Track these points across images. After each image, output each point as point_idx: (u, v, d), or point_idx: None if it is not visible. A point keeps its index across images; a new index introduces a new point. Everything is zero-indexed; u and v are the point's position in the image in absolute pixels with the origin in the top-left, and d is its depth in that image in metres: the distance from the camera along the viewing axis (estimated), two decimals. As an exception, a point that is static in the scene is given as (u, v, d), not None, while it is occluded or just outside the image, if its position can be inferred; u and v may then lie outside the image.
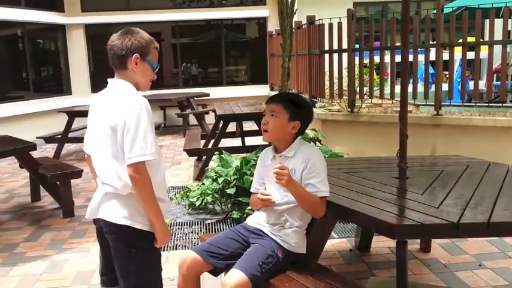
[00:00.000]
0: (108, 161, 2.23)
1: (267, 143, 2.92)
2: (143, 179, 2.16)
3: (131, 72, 2.27)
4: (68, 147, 9.57)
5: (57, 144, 8.67)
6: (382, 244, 4.06)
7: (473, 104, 6.40)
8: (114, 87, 2.28)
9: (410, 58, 5.92)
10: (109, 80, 2.32)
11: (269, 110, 2.65)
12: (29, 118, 10.50)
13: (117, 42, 2.25)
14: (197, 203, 5.07)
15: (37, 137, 8.74)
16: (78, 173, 5.38)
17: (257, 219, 2.77)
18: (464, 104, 6.39)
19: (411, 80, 6.27)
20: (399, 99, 3.09)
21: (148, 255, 2.31)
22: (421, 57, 6.61)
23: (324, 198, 2.57)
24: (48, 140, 8.75)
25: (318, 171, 2.57)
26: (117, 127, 2.16)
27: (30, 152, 5.40)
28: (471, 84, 7.20)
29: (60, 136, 8.65)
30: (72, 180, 5.40)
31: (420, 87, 6.82)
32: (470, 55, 6.28)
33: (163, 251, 4.18)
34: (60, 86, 12.31)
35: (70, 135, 8.70)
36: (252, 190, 2.85)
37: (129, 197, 2.24)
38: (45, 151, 9.28)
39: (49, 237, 4.67)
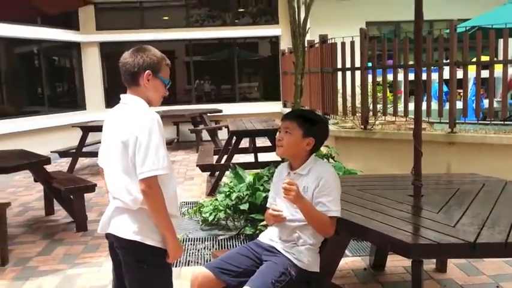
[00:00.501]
0: (119, 176, 2.24)
1: (280, 159, 2.92)
2: (155, 194, 2.17)
3: (143, 88, 2.30)
4: (82, 161, 9.63)
5: (71, 158, 8.73)
6: (397, 263, 4.00)
7: (488, 122, 6.35)
8: (126, 103, 2.31)
9: (424, 77, 5.90)
10: (122, 95, 2.35)
11: (284, 127, 2.66)
12: (44, 132, 10.60)
13: (129, 59, 2.29)
14: (210, 219, 5.06)
15: (51, 151, 8.82)
16: (91, 187, 5.40)
17: (270, 236, 2.75)
18: (479, 122, 6.33)
19: (425, 98, 6.24)
20: (413, 116, 3.07)
21: (160, 271, 2.29)
22: (434, 76, 6.58)
23: (334, 218, 2.54)
24: (63, 154, 8.82)
25: (329, 189, 2.55)
26: (129, 142, 2.17)
27: (45, 166, 5.44)
28: (486, 102, 7.15)
29: (74, 150, 8.72)
30: (85, 194, 5.41)
31: (434, 105, 6.78)
32: (485, 73, 6.25)
33: (175, 266, 4.16)
34: (74, 101, 12.44)
35: (84, 149, 8.77)
36: (267, 205, 2.84)
37: (140, 212, 2.23)
38: (60, 165, 9.35)
39: (62, 252, 4.67)
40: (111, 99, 12.53)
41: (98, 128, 9.12)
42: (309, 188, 2.58)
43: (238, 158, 8.20)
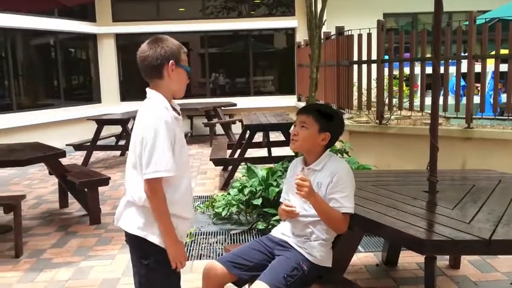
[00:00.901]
0: (130, 170, 2.26)
1: (293, 154, 2.91)
2: (157, 197, 2.15)
3: (167, 80, 2.25)
4: (97, 154, 9.72)
5: (85, 151, 8.81)
6: (409, 259, 3.99)
7: (506, 118, 6.26)
8: (150, 97, 2.28)
9: (442, 70, 5.84)
10: (147, 89, 2.31)
11: (299, 121, 2.65)
12: (59, 125, 10.72)
13: (150, 52, 2.22)
14: (223, 213, 5.08)
15: (66, 144, 8.91)
16: (105, 181, 5.45)
17: (282, 230, 2.76)
18: (496, 117, 6.25)
19: (442, 92, 6.18)
20: (429, 111, 3.04)
21: (164, 269, 2.25)
22: (452, 69, 6.51)
23: (347, 214, 2.54)
24: (77, 147, 8.90)
25: (343, 186, 2.54)
26: (137, 140, 2.18)
27: (60, 159, 5.49)
28: (504, 97, 7.05)
29: (89, 144, 8.79)
30: (99, 188, 5.46)
31: (451, 100, 6.71)
32: (503, 67, 6.16)
33: (188, 260, 4.19)
34: (90, 94, 12.54)
35: (99, 143, 8.84)
36: (281, 200, 2.84)
37: (147, 208, 2.22)
38: (74, 158, 9.45)
39: (75, 244, 4.73)
40: (127, 93, 12.62)
41: (113, 122, 9.27)
42: (322, 183, 2.58)
43: (251, 153, 8.21)
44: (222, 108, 11.34)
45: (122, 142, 9.49)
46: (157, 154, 2.11)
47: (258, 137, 8.57)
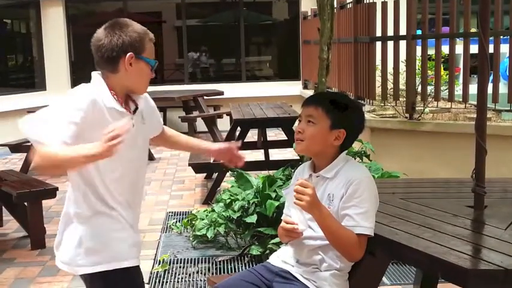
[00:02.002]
0: None
1: (298, 157, 2.91)
2: (42, 155, 2.21)
3: (123, 75, 2.39)
4: (40, 158, 9.69)
5: (26, 154, 8.77)
6: (449, 295, 4.00)
7: None
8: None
9: (491, 49, 5.86)
10: (93, 74, 2.46)
11: (305, 115, 2.64)
12: (-9, 120, 10.67)
13: (105, 41, 2.36)
14: (209, 235, 5.07)
15: (0, 145, 8.87)
16: (51, 192, 5.43)
17: (283, 257, 2.76)
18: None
19: (491, 78, 6.20)
20: (475, 102, 3.06)
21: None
22: (504, 48, 6.53)
23: (363, 236, 2.52)
24: (15, 148, 8.85)
25: (360, 199, 2.52)
26: None
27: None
28: None
29: (30, 144, 8.76)
30: (43, 201, 5.45)
31: (503, 88, 6.73)
32: None
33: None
34: (31, 79, 12.51)
35: (43, 142, 8.82)
36: (282, 217, 2.84)
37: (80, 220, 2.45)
38: (11, 162, 9.42)
39: (12, 275, 4.70)
40: (80, 77, 12.58)
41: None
42: (335, 196, 2.57)
43: (243, 155, 8.19)
44: (205, 97, 11.33)
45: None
46: (53, 123, 2.24)
47: (252, 135, 8.58)
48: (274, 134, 9.67)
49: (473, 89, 4.18)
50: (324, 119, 2.59)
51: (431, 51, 6.85)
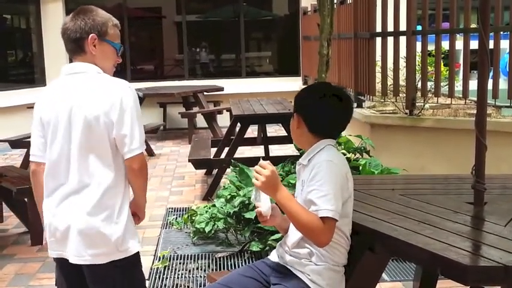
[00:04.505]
0: (84, 155, 2.58)
1: (297, 154, 2.92)
2: (145, 171, 2.66)
3: (90, 56, 2.60)
4: (40, 154, 9.68)
5: (26, 149, 8.77)
6: (449, 291, 4.00)
7: None
8: (84, 71, 2.58)
9: (491, 45, 5.85)
10: (67, 66, 2.64)
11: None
12: (-9, 115, 10.67)
13: (70, 24, 2.59)
14: (207, 229, 5.07)
15: (0, 140, 8.87)
16: (51, 188, 5.42)
17: (279, 251, 2.75)
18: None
19: (491, 74, 6.20)
20: (475, 98, 3.05)
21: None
22: (504, 44, 6.53)
23: (330, 220, 2.44)
24: (15, 144, 8.86)
25: (321, 182, 2.47)
26: (105, 120, 2.52)
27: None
28: None
29: (30, 139, 8.75)
30: (44, 197, 5.43)
31: (503, 84, 6.73)
32: None
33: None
34: (31, 74, 12.50)
35: (42, 138, 8.80)
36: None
37: (108, 195, 2.62)
38: (11, 158, 9.42)
39: (13, 271, 4.71)
40: (79, 72, 12.57)
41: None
42: (305, 182, 2.58)
43: (243, 152, 8.21)
44: (205, 93, 11.33)
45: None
46: (138, 127, 2.54)
47: (252, 131, 8.58)
48: (274, 130, 9.67)
49: (473, 84, 4.17)
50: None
51: (431, 47, 6.85)
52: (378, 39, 7.17)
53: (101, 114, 2.48)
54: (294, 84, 12.43)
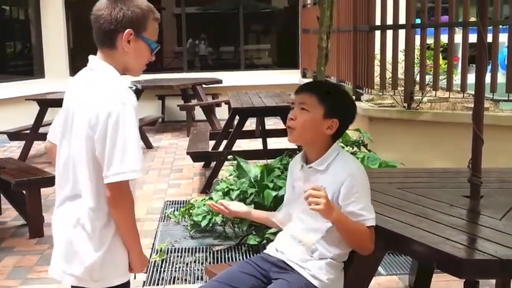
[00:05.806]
0: (82, 166, 2.31)
1: (295, 147, 2.92)
2: (126, 203, 2.25)
3: (121, 52, 2.27)
4: (39, 145, 9.66)
5: (24, 141, 8.77)
6: (444, 285, 4.02)
7: None
8: (93, 68, 2.30)
9: (489, 38, 5.85)
10: (90, 57, 2.34)
11: (299, 101, 2.61)
12: (-11, 107, 10.65)
13: (105, 12, 2.23)
14: (203, 224, 5.09)
15: (-1, 132, 8.87)
16: (50, 180, 5.41)
17: (279, 246, 2.76)
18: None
19: (489, 68, 6.20)
20: (473, 92, 3.06)
21: None
22: (503, 37, 6.52)
23: (372, 227, 2.52)
24: (13, 136, 8.86)
25: (359, 194, 2.51)
26: (99, 128, 2.19)
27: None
28: None
29: (28, 131, 8.76)
30: (42, 189, 5.45)
31: (501, 78, 6.73)
32: None
33: (158, 285, 4.21)
34: (29, 66, 12.47)
35: (41, 130, 8.79)
36: (277, 211, 2.86)
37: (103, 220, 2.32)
38: (9, 150, 9.43)
39: (11, 263, 4.72)
40: (78, 65, 12.54)
41: (60, 102, 9.14)
42: (327, 190, 2.49)
43: (241, 145, 8.21)
44: (203, 86, 11.32)
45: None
46: (122, 150, 2.16)
47: (251, 124, 8.57)
48: (273, 122, 9.67)
49: (471, 78, 4.18)
50: (317, 106, 2.56)
51: (430, 41, 6.85)
52: (377, 33, 7.16)
53: (87, 127, 2.20)
54: (292, 77, 12.41)
